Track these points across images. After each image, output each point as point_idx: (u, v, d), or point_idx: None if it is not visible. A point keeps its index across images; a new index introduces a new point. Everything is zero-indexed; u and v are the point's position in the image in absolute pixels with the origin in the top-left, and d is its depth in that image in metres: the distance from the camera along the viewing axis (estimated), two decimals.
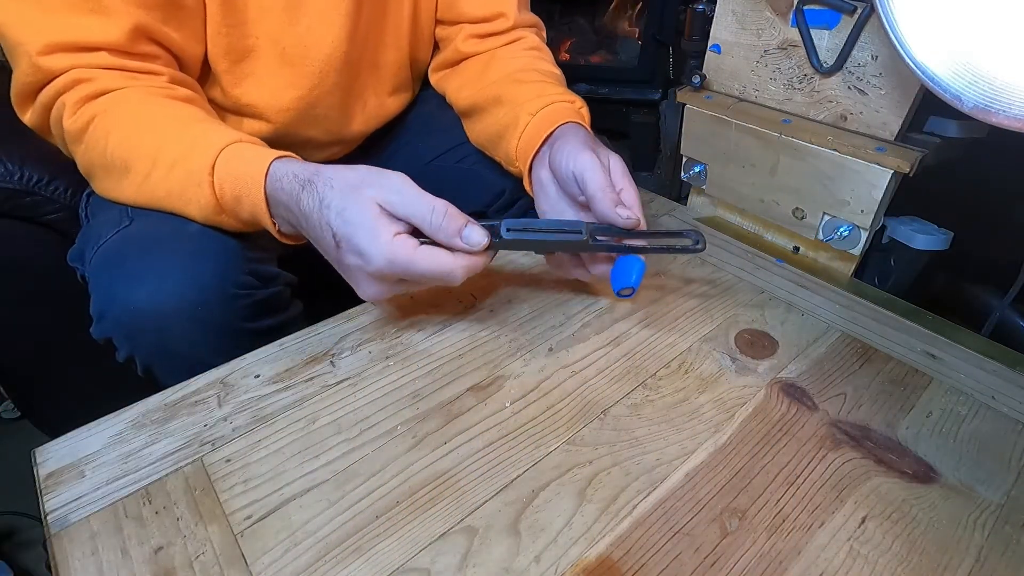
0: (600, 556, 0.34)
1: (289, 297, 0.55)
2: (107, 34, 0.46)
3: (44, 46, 0.45)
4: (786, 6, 0.55)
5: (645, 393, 0.44)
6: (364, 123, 0.68)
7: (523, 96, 0.56)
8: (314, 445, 0.39)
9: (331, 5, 0.58)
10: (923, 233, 0.58)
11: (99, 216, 0.52)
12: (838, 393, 0.45)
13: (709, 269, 0.58)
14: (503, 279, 0.55)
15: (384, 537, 0.34)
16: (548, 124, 0.52)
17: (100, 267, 0.47)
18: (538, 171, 0.52)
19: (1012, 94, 0.39)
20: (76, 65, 0.46)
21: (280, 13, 0.55)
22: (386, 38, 0.66)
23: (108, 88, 0.46)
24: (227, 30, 0.54)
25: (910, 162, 0.51)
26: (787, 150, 0.58)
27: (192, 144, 0.45)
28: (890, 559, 0.34)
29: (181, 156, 0.45)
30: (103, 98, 0.46)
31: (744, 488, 0.38)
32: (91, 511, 0.35)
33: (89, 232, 0.52)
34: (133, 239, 0.47)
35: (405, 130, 0.76)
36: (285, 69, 0.58)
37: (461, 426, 0.41)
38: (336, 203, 0.40)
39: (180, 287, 0.45)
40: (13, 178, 0.63)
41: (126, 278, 0.45)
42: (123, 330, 0.46)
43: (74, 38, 0.45)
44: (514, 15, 0.66)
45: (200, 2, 0.51)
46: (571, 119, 0.52)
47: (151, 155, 0.46)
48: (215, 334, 0.47)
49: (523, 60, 0.63)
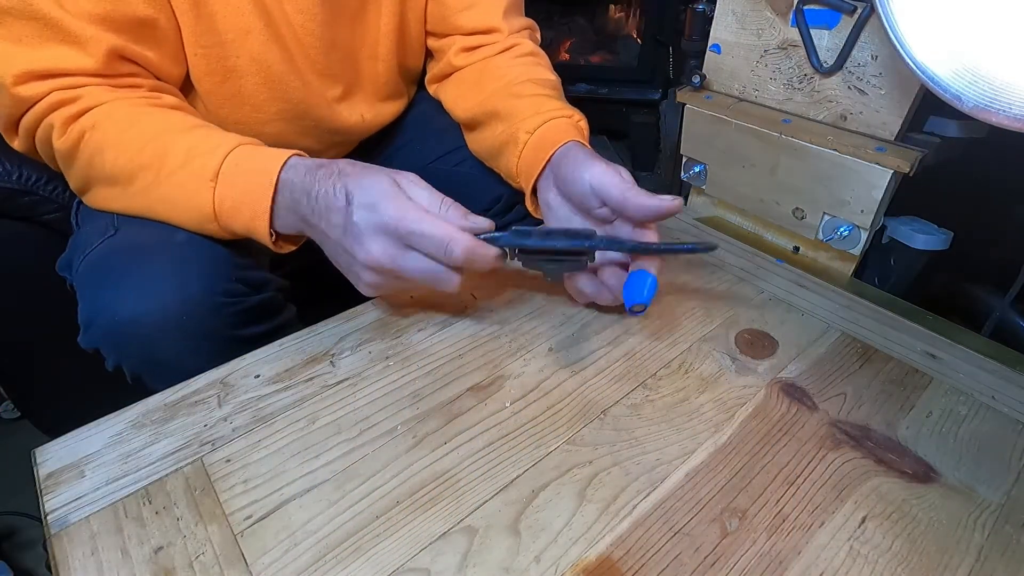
0: (600, 556, 0.34)
1: (282, 302, 0.55)
2: (82, 61, 0.45)
3: (18, 75, 0.44)
4: (786, 6, 0.55)
5: (645, 393, 0.44)
6: (358, 129, 0.68)
7: (520, 112, 0.55)
8: (314, 445, 0.39)
9: (308, 18, 0.57)
10: (923, 233, 0.58)
11: (87, 224, 0.52)
12: (838, 393, 0.45)
13: (709, 269, 0.58)
14: (503, 279, 0.55)
15: (384, 537, 0.34)
16: (549, 145, 0.51)
17: (86, 276, 0.47)
18: (545, 195, 0.52)
19: (1012, 94, 0.39)
20: (55, 88, 0.45)
21: (259, 34, 0.54)
22: (366, 50, 0.65)
23: (93, 104, 0.45)
24: (204, 51, 0.53)
25: (910, 162, 0.51)
26: (787, 150, 0.58)
27: (189, 151, 0.45)
28: (890, 559, 0.34)
29: (179, 165, 0.45)
30: (90, 114, 0.46)
31: (744, 488, 0.38)
32: (91, 511, 0.35)
33: (77, 240, 0.51)
34: (119, 248, 0.47)
35: (403, 133, 0.75)
36: (271, 86, 0.58)
37: (461, 426, 0.41)
38: (354, 173, 0.41)
39: (165, 297, 0.45)
40: (11, 178, 0.63)
41: (112, 288, 0.45)
42: (110, 339, 0.46)
43: (49, 66, 0.45)
44: (507, 28, 0.65)
45: (174, 24, 0.50)
46: (571, 137, 0.51)
47: (150, 165, 0.45)
48: (203, 342, 0.47)
49: (518, 70, 0.62)
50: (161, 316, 0.45)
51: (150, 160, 0.45)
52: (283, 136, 0.61)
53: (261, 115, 0.59)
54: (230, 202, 0.44)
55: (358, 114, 0.66)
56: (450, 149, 0.71)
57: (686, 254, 0.59)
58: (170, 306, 0.45)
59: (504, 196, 0.68)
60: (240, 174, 0.44)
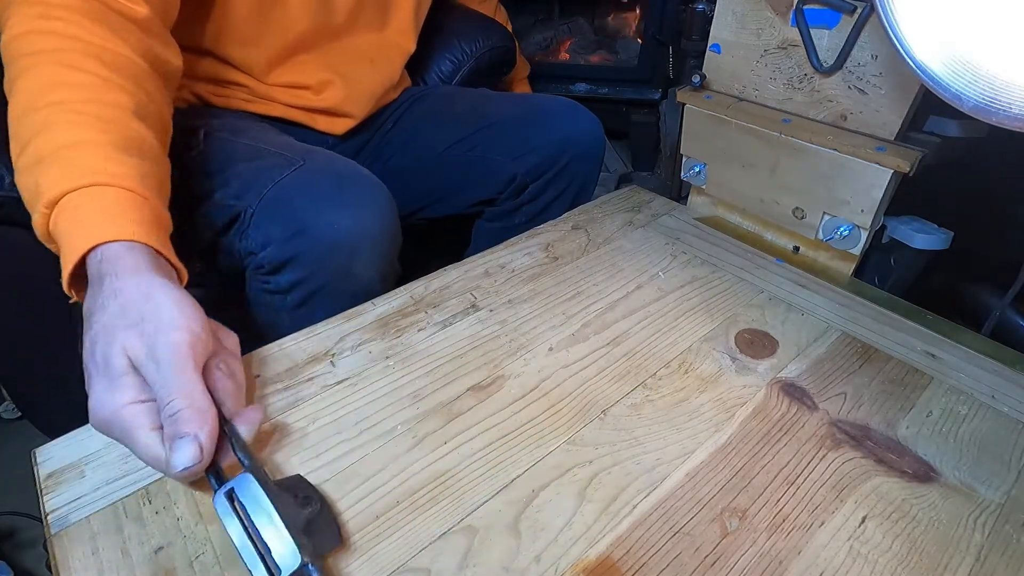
0: (600, 556, 0.34)
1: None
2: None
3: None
4: (786, 6, 0.55)
5: (645, 393, 0.44)
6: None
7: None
8: (314, 445, 0.39)
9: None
10: (923, 233, 0.58)
11: (238, 165, 0.58)
12: (838, 393, 0.45)
13: (709, 269, 0.58)
14: (503, 279, 0.55)
15: (384, 537, 0.34)
16: None
17: (294, 192, 0.55)
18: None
19: (1012, 94, 0.39)
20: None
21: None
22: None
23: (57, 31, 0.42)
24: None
25: (910, 162, 0.51)
26: (787, 150, 0.58)
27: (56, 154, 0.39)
28: (890, 559, 0.34)
29: (48, 156, 0.39)
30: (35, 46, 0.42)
31: (744, 488, 0.38)
32: (91, 511, 0.35)
33: (243, 174, 0.57)
34: (317, 174, 0.57)
35: (420, 120, 0.79)
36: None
37: (461, 426, 0.41)
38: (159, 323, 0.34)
39: (370, 217, 0.56)
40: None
41: (327, 205, 0.54)
42: (317, 250, 0.54)
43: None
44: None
45: None
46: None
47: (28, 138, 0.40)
48: (384, 264, 0.58)
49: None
50: (368, 233, 0.56)
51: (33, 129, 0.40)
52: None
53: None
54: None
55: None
56: (463, 136, 0.75)
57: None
58: (374, 225, 0.56)
59: (518, 176, 0.74)
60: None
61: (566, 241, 0.61)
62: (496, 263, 0.57)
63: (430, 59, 0.91)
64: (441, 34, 0.91)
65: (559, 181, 0.76)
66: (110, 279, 0.36)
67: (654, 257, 0.59)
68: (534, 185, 0.75)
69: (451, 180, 0.78)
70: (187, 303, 0.36)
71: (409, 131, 0.79)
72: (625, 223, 0.65)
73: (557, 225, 0.64)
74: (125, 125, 0.42)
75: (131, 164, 0.40)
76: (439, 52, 0.92)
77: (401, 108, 0.80)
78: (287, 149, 0.60)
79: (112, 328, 0.34)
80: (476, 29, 0.94)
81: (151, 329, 0.34)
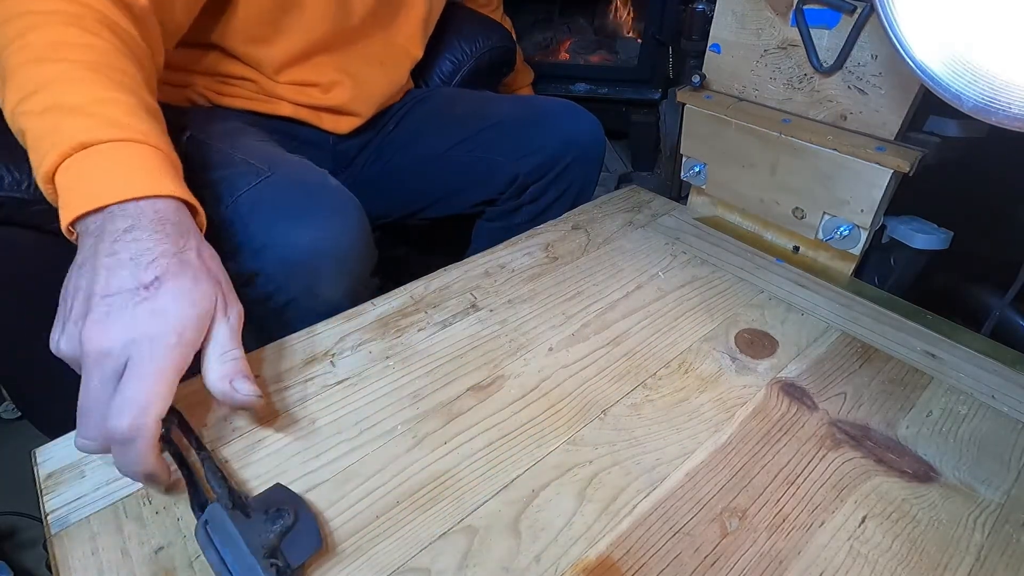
0: (600, 556, 0.34)
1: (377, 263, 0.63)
2: None
3: None
4: (786, 6, 0.55)
5: (645, 393, 0.44)
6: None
7: None
8: (314, 445, 0.39)
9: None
10: (923, 233, 0.58)
11: (209, 172, 0.56)
12: (838, 393, 0.45)
13: (709, 269, 0.58)
14: (503, 279, 0.55)
15: (384, 537, 0.34)
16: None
17: (255, 206, 0.53)
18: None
19: (1012, 94, 0.39)
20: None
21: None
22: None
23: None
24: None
25: (910, 161, 0.51)
26: (787, 150, 0.58)
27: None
28: (890, 559, 0.34)
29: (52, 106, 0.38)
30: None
31: (744, 488, 0.38)
32: (91, 511, 0.35)
33: (210, 183, 0.55)
34: (281, 186, 0.54)
35: (424, 121, 0.79)
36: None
37: (461, 426, 0.41)
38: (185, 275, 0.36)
39: (334, 233, 0.53)
40: (21, 187, 0.63)
41: (288, 220, 0.52)
42: (282, 267, 0.52)
43: None
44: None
45: None
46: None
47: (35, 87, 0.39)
48: (350, 281, 0.55)
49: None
50: (330, 252, 0.53)
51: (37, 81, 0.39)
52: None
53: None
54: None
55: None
56: (466, 136, 0.75)
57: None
58: (339, 242, 0.53)
59: (520, 176, 0.74)
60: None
61: (566, 241, 0.61)
62: (496, 263, 0.57)
63: (431, 59, 0.91)
64: (442, 34, 0.91)
65: (560, 182, 0.76)
66: (152, 235, 0.36)
67: (654, 257, 0.59)
68: (535, 186, 0.76)
69: (452, 180, 0.78)
70: (195, 295, 0.36)
71: (411, 132, 0.79)
72: (625, 223, 0.65)
73: (557, 225, 0.64)
74: (144, 95, 0.43)
75: (161, 128, 0.42)
76: (440, 52, 0.92)
77: (404, 109, 0.81)
78: (258, 158, 0.58)
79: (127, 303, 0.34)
80: (476, 29, 0.95)
81: (150, 330, 0.34)
